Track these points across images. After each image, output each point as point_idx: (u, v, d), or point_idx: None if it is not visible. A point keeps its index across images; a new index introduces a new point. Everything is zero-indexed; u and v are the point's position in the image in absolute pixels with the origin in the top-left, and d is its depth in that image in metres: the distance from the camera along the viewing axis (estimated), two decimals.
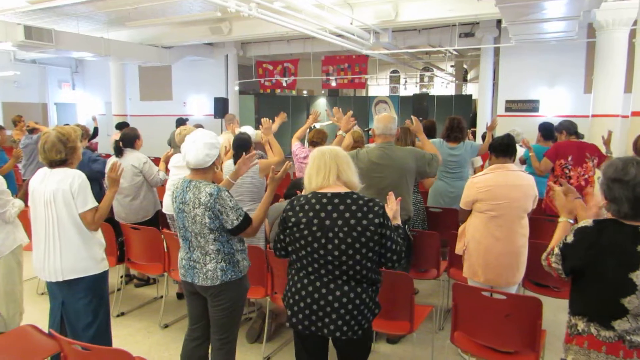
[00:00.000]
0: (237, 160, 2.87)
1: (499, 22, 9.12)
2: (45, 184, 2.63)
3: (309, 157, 2.25)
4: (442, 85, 19.15)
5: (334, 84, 13.31)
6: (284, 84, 13.30)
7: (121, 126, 7.12)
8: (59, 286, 2.69)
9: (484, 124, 9.80)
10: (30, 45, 8.51)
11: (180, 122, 7.09)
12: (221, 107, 11.80)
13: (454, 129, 4.51)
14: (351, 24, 7.86)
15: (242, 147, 3.56)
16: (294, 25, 7.26)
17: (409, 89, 19.66)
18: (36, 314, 3.66)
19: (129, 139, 4.41)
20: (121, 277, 4.55)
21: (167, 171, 4.47)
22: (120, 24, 9.65)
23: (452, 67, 17.57)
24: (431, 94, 17.37)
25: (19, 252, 3.18)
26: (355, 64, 12.45)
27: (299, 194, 2.38)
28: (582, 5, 5.93)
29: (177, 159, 4.24)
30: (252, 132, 4.61)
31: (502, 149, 3.13)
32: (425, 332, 3.61)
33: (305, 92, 17.84)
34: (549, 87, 9.46)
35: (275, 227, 3.46)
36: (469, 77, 19.62)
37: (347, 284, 2.08)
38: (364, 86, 14.31)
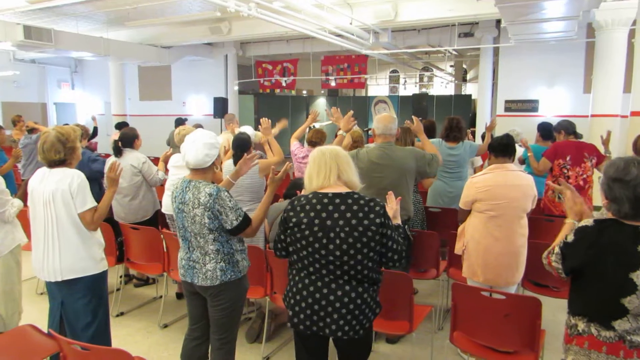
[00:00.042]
0: (237, 160, 2.86)
1: (498, 22, 9.13)
2: (44, 183, 2.63)
3: (309, 157, 2.24)
4: (441, 85, 19.17)
5: (333, 84, 13.30)
6: (284, 84, 13.29)
7: (120, 126, 7.14)
8: (58, 286, 2.69)
9: (483, 123, 9.80)
10: (29, 45, 8.50)
11: (179, 122, 7.10)
12: (220, 107, 11.80)
13: (453, 128, 4.51)
14: (351, 23, 7.86)
15: (241, 147, 3.55)
16: (293, 25, 7.26)
17: (409, 88, 19.69)
18: (35, 314, 3.66)
19: (128, 138, 4.40)
20: (120, 277, 4.55)
21: (166, 171, 4.48)
22: (119, 24, 9.63)
23: (451, 67, 17.59)
24: (430, 93, 17.37)
25: (17, 252, 3.17)
26: (354, 64, 12.44)
27: (298, 194, 2.38)
28: (581, 5, 5.94)
29: (177, 159, 4.24)
30: (252, 132, 4.60)
31: (501, 148, 3.13)
32: (424, 332, 3.62)
33: (304, 92, 17.82)
34: (549, 87, 9.47)
35: (275, 227, 3.46)
36: (468, 77, 19.64)
37: (349, 284, 2.08)
38: (363, 86, 14.31)
